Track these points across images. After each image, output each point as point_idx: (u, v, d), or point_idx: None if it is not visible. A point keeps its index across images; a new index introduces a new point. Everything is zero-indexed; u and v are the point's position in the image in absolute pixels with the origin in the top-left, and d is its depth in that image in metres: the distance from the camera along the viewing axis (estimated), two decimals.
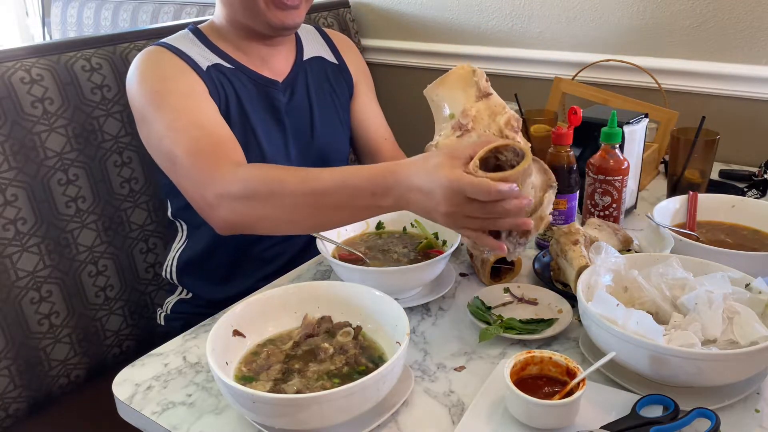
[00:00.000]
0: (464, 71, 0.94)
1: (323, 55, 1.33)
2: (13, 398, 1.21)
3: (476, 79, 0.93)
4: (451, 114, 0.93)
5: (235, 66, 1.18)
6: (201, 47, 1.17)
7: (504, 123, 0.93)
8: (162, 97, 1.06)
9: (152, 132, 1.06)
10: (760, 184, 1.40)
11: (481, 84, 0.93)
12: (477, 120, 0.92)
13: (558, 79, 1.58)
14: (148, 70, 1.09)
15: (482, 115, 0.93)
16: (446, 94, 0.94)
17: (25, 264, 1.21)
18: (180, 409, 0.82)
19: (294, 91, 1.24)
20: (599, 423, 0.74)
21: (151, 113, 1.06)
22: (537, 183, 0.87)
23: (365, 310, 0.88)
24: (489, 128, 0.92)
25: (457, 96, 0.94)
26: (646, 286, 0.88)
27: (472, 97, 0.93)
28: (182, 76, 1.10)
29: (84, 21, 2.46)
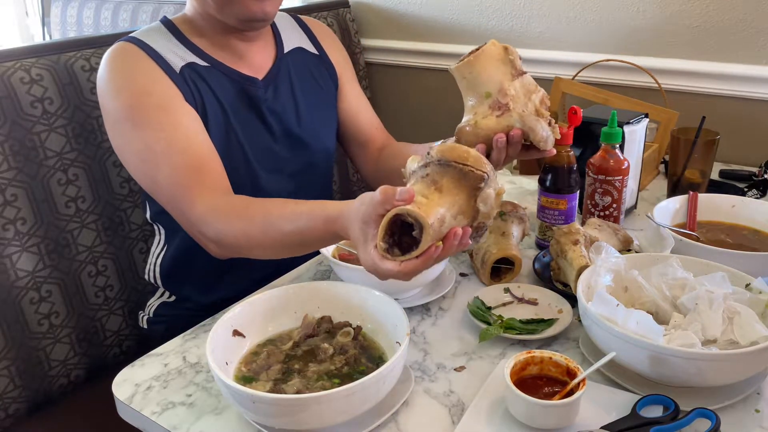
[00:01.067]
0: (498, 49, 0.92)
1: (303, 45, 1.28)
2: (13, 398, 1.21)
3: (511, 57, 0.92)
4: (487, 93, 0.91)
5: (211, 63, 1.13)
6: (174, 42, 1.12)
7: (539, 102, 0.93)
8: (138, 113, 1.03)
9: (130, 150, 1.05)
10: (760, 184, 1.40)
11: (516, 62, 0.92)
12: (515, 99, 0.91)
13: (558, 79, 1.58)
14: (120, 78, 1.05)
15: (519, 95, 0.92)
16: (481, 72, 0.91)
17: (25, 264, 1.21)
18: (180, 409, 0.82)
19: (277, 87, 1.20)
20: (599, 423, 0.74)
21: (128, 130, 1.04)
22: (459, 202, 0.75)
23: (365, 310, 0.88)
24: (526, 107, 0.92)
25: (492, 75, 0.91)
26: (646, 286, 0.88)
27: (509, 75, 0.92)
28: (156, 84, 1.06)
29: (84, 21, 2.46)
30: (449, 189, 0.74)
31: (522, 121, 0.92)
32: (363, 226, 0.77)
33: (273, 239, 0.93)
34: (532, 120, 0.92)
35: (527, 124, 0.92)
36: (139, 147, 1.04)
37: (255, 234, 0.95)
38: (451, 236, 0.73)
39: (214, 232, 0.98)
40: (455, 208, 0.74)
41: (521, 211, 1.13)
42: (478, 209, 0.75)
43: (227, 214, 0.98)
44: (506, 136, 0.93)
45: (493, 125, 0.92)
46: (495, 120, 0.92)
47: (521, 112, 0.92)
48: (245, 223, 0.96)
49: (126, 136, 1.05)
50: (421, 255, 0.73)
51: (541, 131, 0.92)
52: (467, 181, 0.74)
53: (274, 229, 0.93)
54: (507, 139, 0.93)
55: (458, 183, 0.74)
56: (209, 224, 0.99)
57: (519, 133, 0.93)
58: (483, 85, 0.91)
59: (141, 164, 1.05)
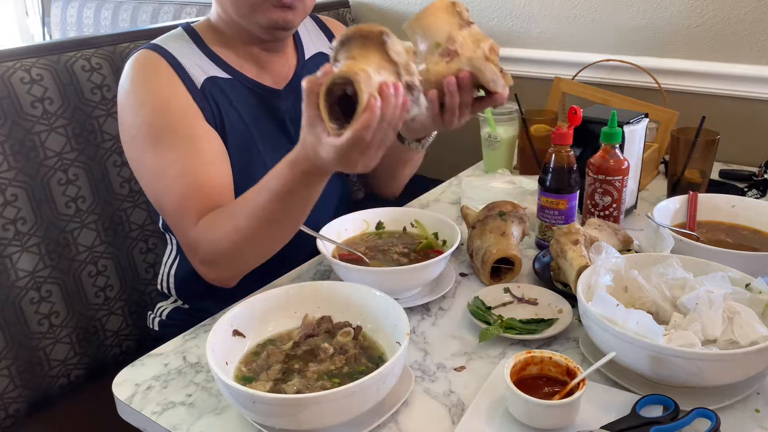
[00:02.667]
0: (444, 3, 0.96)
1: (323, 50, 1.29)
2: (13, 398, 1.21)
3: (458, 9, 0.96)
4: (437, 43, 0.95)
5: (233, 76, 1.13)
6: (197, 53, 1.11)
7: (488, 49, 0.95)
8: (157, 132, 1.03)
9: (143, 165, 1.06)
10: (760, 184, 1.40)
11: (463, 14, 0.96)
12: (463, 46, 0.94)
13: (558, 79, 1.58)
14: (142, 92, 1.05)
15: (467, 42, 0.95)
16: (429, 25, 0.96)
17: (25, 264, 1.21)
18: (180, 409, 0.82)
19: (298, 95, 1.19)
20: (599, 423, 0.74)
21: (145, 148, 1.04)
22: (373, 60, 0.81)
23: (365, 310, 0.88)
24: (475, 53, 0.95)
25: (440, 26, 0.95)
26: (646, 286, 0.88)
27: (456, 26, 0.96)
28: (177, 102, 1.06)
29: (84, 21, 2.46)
30: (360, 54, 0.81)
31: (470, 63, 0.95)
32: (311, 129, 0.82)
33: (258, 218, 0.93)
34: (480, 61, 0.94)
35: (475, 65, 0.95)
36: (152, 166, 1.04)
37: (242, 224, 0.95)
38: (383, 87, 0.78)
39: (205, 249, 0.99)
40: (373, 64, 0.80)
41: (521, 211, 1.13)
42: (394, 61, 0.81)
43: (214, 222, 0.99)
44: (456, 78, 0.96)
45: (443, 70, 0.96)
46: (445, 65, 0.95)
47: (469, 56, 0.95)
48: (230, 220, 0.96)
49: (141, 152, 1.05)
50: (365, 106, 0.76)
51: (489, 72, 0.95)
52: (371, 42, 0.81)
53: (253, 208, 0.93)
54: (457, 82, 0.96)
55: (364, 47, 0.81)
56: (201, 244, 1.00)
57: (467, 75, 0.96)
58: (432, 37, 0.95)
59: (151, 182, 1.06)
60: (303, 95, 0.81)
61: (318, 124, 0.81)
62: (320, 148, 0.82)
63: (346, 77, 0.77)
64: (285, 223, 0.96)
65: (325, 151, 0.81)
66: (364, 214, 1.14)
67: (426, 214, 1.14)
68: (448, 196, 1.45)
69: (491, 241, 1.07)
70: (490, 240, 1.07)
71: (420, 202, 1.42)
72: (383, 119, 0.78)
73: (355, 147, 0.79)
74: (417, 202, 1.42)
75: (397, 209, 1.17)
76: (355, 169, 0.84)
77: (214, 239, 0.98)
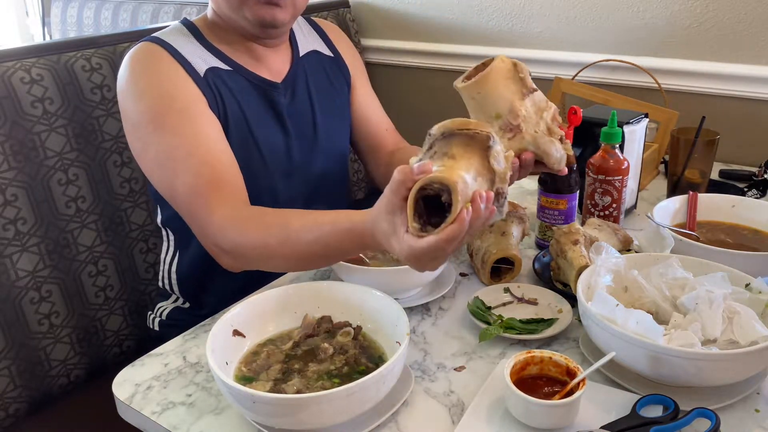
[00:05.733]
0: (506, 65, 0.89)
1: (318, 48, 1.29)
2: (13, 398, 1.21)
3: (522, 75, 0.88)
4: (497, 114, 0.87)
5: (233, 67, 1.13)
6: (196, 45, 1.12)
7: (551, 119, 0.90)
8: (160, 117, 1.02)
9: (149, 153, 1.04)
10: (760, 184, 1.40)
11: (527, 81, 0.89)
12: (527, 120, 0.88)
13: (558, 79, 1.58)
14: (143, 80, 1.04)
15: (530, 113, 0.89)
16: (490, 91, 0.87)
17: (25, 264, 1.21)
18: (180, 409, 0.82)
19: (294, 91, 1.21)
20: (599, 423, 0.74)
21: (149, 134, 1.03)
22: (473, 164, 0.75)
23: (365, 310, 0.88)
24: (538, 126, 0.88)
25: (502, 93, 0.88)
26: (646, 286, 0.88)
27: (518, 95, 0.88)
28: (180, 88, 1.05)
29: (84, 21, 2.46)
30: (461, 154, 0.75)
31: (535, 144, 0.89)
32: (389, 216, 0.76)
33: (292, 250, 0.90)
34: (546, 143, 0.89)
35: (541, 147, 0.89)
36: (158, 152, 1.03)
37: (273, 244, 0.92)
38: (476, 198, 0.73)
39: (230, 243, 0.96)
40: (472, 169, 0.74)
41: (521, 211, 1.13)
42: (493, 169, 0.76)
43: (244, 224, 0.96)
44: (519, 159, 0.90)
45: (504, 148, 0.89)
46: (507, 143, 0.89)
47: (533, 133, 0.88)
48: (263, 233, 0.93)
49: (146, 140, 1.04)
50: (455, 218, 0.71)
51: (555, 153, 0.89)
52: (476, 143, 0.75)
53: (293, 239, 0.90)
54: (519, 162, 0.91)
55: (467, 147, 0.75)
56: (226, 235, 0.97)
57: (531, 156, 0.91)
58: (492, 106, 0.87)
59: (159, 170, 1.04)
60: (392, 184, 0.75)
61: (398, 215, 0.75)
62: (393, 240, 0.77)
63: (446, 184, 0.71)
64: (315, 264, 0.95)
65: (399, 245, 0.76)
66: None
67: None
68: None
69: (491, 241, 1.07)
70: (490, 240, 1.07)
71: None
72: (468, 230, 0.73)
73: (433, 253, 0.74)
74: None
75: None
76: (420, 270, 0.79)
77: (238, 240, 0.96)
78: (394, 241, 0.76)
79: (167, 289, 1.27)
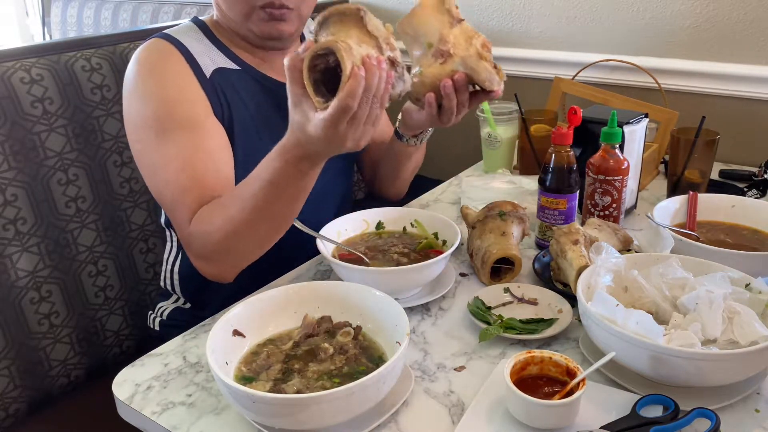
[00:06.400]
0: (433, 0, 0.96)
1: None
2: (13, 398, 1.21)
3: (447, 6, 0.95)
4: (428, 43, 0.95)
5: (242, 67, 1.14)
6: (207, 43, 1.12)
7: (480, 45, 0.96)
8: (163, 125, 1.03)
9: (145, 158, 1.06)
10: (760, 184, 1.40)
11: (452, 11, 0.95)
12: (456, 45, 0.95)
13: (558, 79, 1.58)
14: (151, 82, 1.05)
15: (459, 41, 0.95)
16: (419, 25, 0.95)
17: (25, 264, 1.21)
18: (180, 409, 0.82)
19: None
20: (599, 423, 0.74)
21: (150, 139, 1.04)
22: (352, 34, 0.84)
23: (365, 310, 0.88)
24: (467, 51, 0.95)
25: (431, 25, 0.95)
26: (646, 286, 0.88)
27: (447, 24, 0.96)
28: (186, 93, 1.06)
29: (84, 21, 2.46)
30: (338, 31, 0.83)
31: (464, 63, 0.95)
32: (297, 109, 0.82)
33: (250, 209, 0.93)
34: (473, 61, 0.95)
35: (469, 65, 0.95)
36: (155, 159, 1.04)
37: (234, 214, 0.94)
38: (365, 58, 0.79)
39: (199, 243, 0.99)
40: (353, 38, 0.82)
41: (521, 211, 1.13)
42: (373, 35, 0.83)
43: (207, 214, 0.99)
44: (451, 80, 0.97)
45: (437, 72, 0.96)
46: (439, 67, 0.96)
47: (463, 55, 0.94)
48: (223, 210, 0.96)
49: (146, 143, 1.05)
50: (349, 74, 0.76)
51: (483, 71, 0.95)
52: (348, 18, 0.83)
53: (245, 198, 0.93)
54: (453, 83, 0.97)
55: (342, 24, 0.83)
56: (195, 238, 1.00)
57: (463, 76, 0.96)
58: (424, 36, 0.95)
59: (152, 175, 1.06)
60: (286, 73, 0.81)
61: (304, 102, 0.81)
62: (308, 126, 0.81)
63: (328, 47, 0.78)
64: (277, 214, 0.95)
65: (314, 126, 0.81)
66: (364, 214, 1.14)
67: (426, 214, 1.14)
68: (448, 196, 1.45)
69: (491, 241, 1.07)
70: (490, 240, 1.07)
71: (420, 202, 1.42)
72: (368, 89, 0.79)
73: (342, 117, 0.79)
74: (417, 202, 1.42)
75: (397, 209, 1.17)
76: (345, 145, 0.83)
77: (207, 231, 0.98)
78: (309, 128, 0.81)
79: (169, 289, 1.27)
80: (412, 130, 1.19)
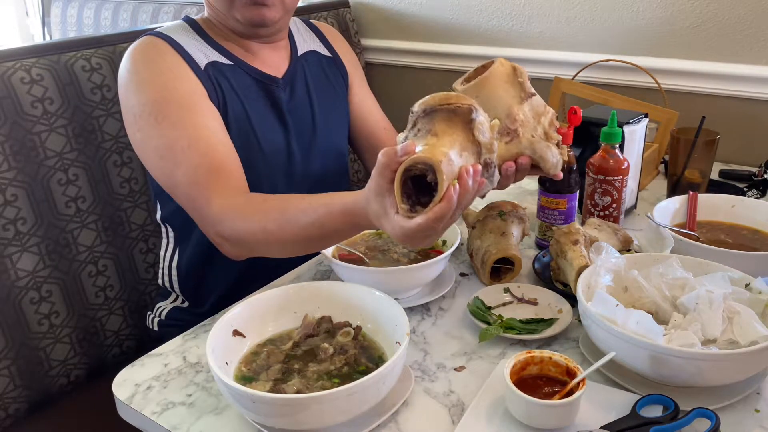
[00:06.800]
0: (506, 69, 0.88)
1: (316, 48, 1.30)
2: (13, 398, 1.21)
3: (521, 79, 0.88)
4: (496, 117, 0.86)
5: (234, 62, 1.14)
6: (198, 40, 1.13)
7: (548, 124, 0.90)
8: (161, 108, 1.03)
9: (149, 145, 1.05)
10: (760, 184, 1.40)
11: (525, 85, 0.88)
12: (524, 124, 0.88)
13: (558, 79, 1.58)
14: (145, 72, 1.05)
15: (528, 118, 0.88)
16: (489, 95, 0.87)
17: (25, 264, 1.21)
18: (180, 409, 0.82)
19: (294, 88, 1.21)
20: (599, 423, 0.74)
21: (150, 126, 1.03)
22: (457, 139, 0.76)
23: (365, 310, 0.88)
24: (535, 131, 0.88)
25: (500, 97, 0.88)
26: (646, 286, 0.88)
27: (517, 99, 0.89)
28: (181, 80, 1.06)
29: (84, 21, 2.46)
30: (444, 130, 0.75)
31: (532, 148, 0.89)
32: (378, 198, 0.77)
33: (291, 233, 0.92)
34: (543, 148, 0.89)
35: (537, 152, 0.89)
36: (159, 143, 1.03)
37: (272, 229, 0.93)
38: (464, 173, 0.74)
39: (230, 230, 0.97)
40: (457, 145, 0.75)
41: (521, 211, 1.13)
42: (478, 141, 0.76)
43: (244, 211, 0.97)
44: (515, 163, 0.91)
45: (502, 153, 0.89)
46: (504, 147, 0.88)
47: (530, 137, 0.88)
48: (262, 218, 0.95)
49: (147, 131, 1.04)
50: (442, 197, 0.72)
51: (551, 158, 0.89)
52: (458, 117, 0.76)
53: (291, 223, 0.92)
54: (516, 166, 0.91)
55: (450, 122, 0.76)
56: (226, 222, 0.98)
57: (528, 160, 0.91)
58: (491, 110, 0.87)
59: (160, 161, 1.04)
60: (378, 167, 0.75)
61: (387, 197, 0.76)
62: (385, 221, 0.78)
63: (429, 164, 0.71)
64: (314, 246, 0.96)
65: (391, 226, 0.77)
66: None
67: None
68: None
69: (491, 241, 1.07)
70: (490, 240, 1.07)
71: None
72: (459, 207, 0.74)
73: (424, 232, 0.75)
74: None
75: None
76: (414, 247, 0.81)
77: (238, 227, 0.97)
78: (385, 222, 0.78)
79: (167, 287, 1.27)
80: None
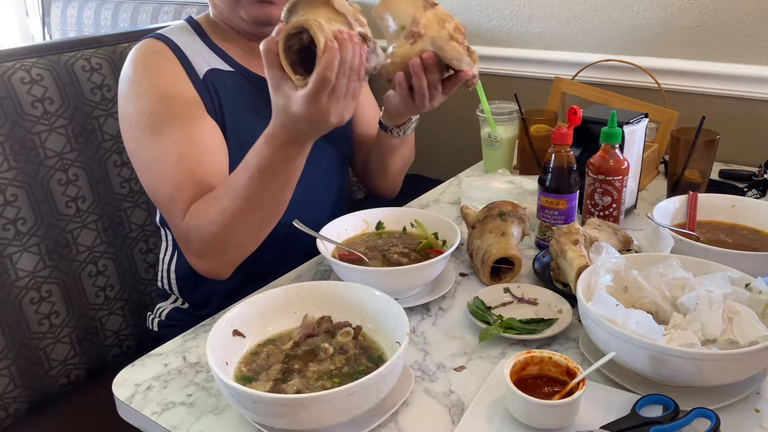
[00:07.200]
0: None
1: None
2: (13, 398, 1.21)
3: None
4: (401, 26, 0.98)
5: (235, 68, 1.14)
6: (200, 43, 1.13)
7: (453, 28, 0.97)
8: (157, 121, 1.03)
9: (141, 155, 1.06)
10: (760, 184, 1.40)
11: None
12: (427, 27, 0.96)
13: (558, 79, 1.58)
14: (145, 80, 1.05)
15: (431, 23, 0.97)
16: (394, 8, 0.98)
17: (25, 264, 1.21)
18: (180, 409, 0.82)
19: None
20: (599, 423, 0.74)
21: (144, 136, 1.04)
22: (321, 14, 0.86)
23: (365, 310, 0.88)
24: (439, 33, 0.96)
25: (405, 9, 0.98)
26: (646, 286, 0.88)
27: (420, 8, 0.98)
28: (179, 91, 1.06)
29: (84, 21, 2.46)
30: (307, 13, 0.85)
31: (433, 43, 0.96)
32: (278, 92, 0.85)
33: (241, 198, 0.94)
34: (442, 41, 0.96)
35: (438, 44, 0.96)
36: (150, 155, 1.04)
37: (226, 205, 0.95)
38: (338, 34, 0.81)
39: (197, 239, 0.99)
40: (322, 17, 0.84)
41: (521, 211, 1.13)
42: (342, 13, 0.85)
43: (199, 207, 0.99)
44: (420, 59, 0.98)
45: (407, 51, 0.98)
46: (409, 47, 0.98)
47: (433, 36, 0.96)
48: (215, 203, 0.97)
49: (140, 140, 1.05)
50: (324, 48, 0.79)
51: (451, 50, 0.96)
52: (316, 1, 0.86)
53: (236, 188, 0.94)
54: (421, 62, 0.98)
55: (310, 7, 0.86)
56: (191, 231, 1.00)
57: (431, 54, 0.97)
58: (398, 20, 0.98)
59: (148, 171, 1.06)
60: (263, 58, 0.83)
61: (284, 83, 0.83)
62: (291, 106, 0.84)
63: (300, 26, 0.81)
64: (268, 201, 0.96)
65: (296, 105, 0.83)
66: (364, 214, 1.14)
67: (426, 214, 1.14)
68: (448, 196, 1.45)
69: (491, 241, 1.07)
70: (490, 240, 1.07)
71: (420, 202, 1.42)
72: (344, 61, 0.81)
73: (322, 91, 0.81)
74: (417, 202, 1.42)
75: (397, 209, 1.17)
76: (328, 119, 0.85)
77: (201, 225, 0.98)
78: (292, 107, 0.84)
79: (166, 289, 1.27)
80: (393, 119, 1.20)
